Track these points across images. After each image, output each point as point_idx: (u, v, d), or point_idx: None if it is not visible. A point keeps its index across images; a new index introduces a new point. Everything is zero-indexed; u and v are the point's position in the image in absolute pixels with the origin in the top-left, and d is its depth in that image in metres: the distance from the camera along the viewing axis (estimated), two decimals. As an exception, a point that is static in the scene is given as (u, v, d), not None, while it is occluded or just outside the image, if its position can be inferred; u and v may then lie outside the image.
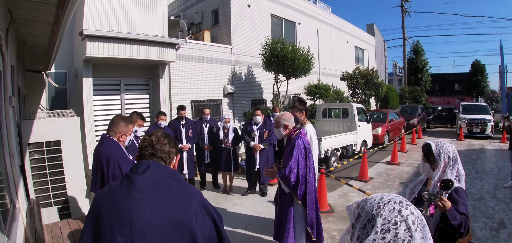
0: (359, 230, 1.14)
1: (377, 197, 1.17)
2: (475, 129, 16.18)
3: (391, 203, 1.11)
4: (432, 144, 2.46)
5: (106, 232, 1.35)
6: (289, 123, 3.87)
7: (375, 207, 1.12)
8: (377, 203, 1.13)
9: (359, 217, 1.17)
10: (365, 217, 1.14)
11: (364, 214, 1.15)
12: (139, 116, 4.35)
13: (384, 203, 1.12)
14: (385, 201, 1.13)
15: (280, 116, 3.93)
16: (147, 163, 1.51)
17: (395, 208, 1.09)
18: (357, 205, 1.21)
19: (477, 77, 30.36)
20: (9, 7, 3.48)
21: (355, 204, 1.23)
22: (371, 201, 1.16)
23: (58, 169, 4.70)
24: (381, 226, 1.07)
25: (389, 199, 1.13)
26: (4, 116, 3.23)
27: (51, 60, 6.40)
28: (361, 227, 1.14)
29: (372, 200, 1.17)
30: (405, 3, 28.83)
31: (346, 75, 17.03)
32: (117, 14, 8.34)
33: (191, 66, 10.86)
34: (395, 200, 1.12)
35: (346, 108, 11.53)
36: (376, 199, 1.16)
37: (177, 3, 16.05)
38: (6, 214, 2.70)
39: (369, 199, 1.18)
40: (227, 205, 6.34)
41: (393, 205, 1.10)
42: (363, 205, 1.18)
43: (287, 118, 3.89)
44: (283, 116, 3.91)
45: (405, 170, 9.38)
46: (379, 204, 1.13)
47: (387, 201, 1.13)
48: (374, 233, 1.07)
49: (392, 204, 1.11)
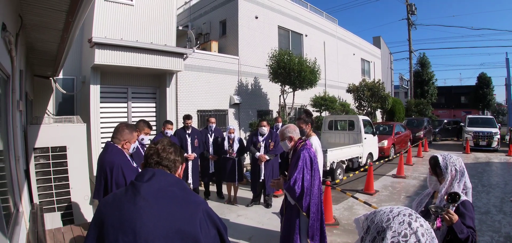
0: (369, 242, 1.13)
1: (387, 209, 1.16)
2: (482, 142, 16.07)
3: (400, 215, 1.10)
4: (439, 157, 2.44)
5: (110, 239, 1.35)
6: (294, 135, 3.84)
7: (385, 219, 1.12)
8: (387, 216, 1.13)
9: (369, 230, 1.16)
10: (375, 230, 1.13)
11: (374, 227, 1.14)
12: (146, 124, 4.35)
13: (394, 215, 1.11)
14: (394, 213, 1.12)
15: (285, 129, 3.90)
16: (152, 171, 1.51)
17: (405, 220, 1.08)
18: (366, 217, 1.21)
19: (483, 90, 30.16)
20: (20, 12, 3.53)
21: (363, 217, 1.23)
22: (381, 214, 1.15)
23: (62, 174, 4.70)
24: (391, 239, 1.05)
25: (399, 211, 1.12)
26: (11, 120, 3.24)
27: (59, 66, 6.47)
28: (370, 240, 1.13)
29: (381, 212, 1.16)
30: (411, 16, 28.82)
31: (352, 87, 16.99)
32: (126, 22, 8.44)
33: (198, 76, 10.90)
34: (405, 212, 1.11)
35: (352, 120, 11.47)
36: (385, 212, 1.15)
37: (186, 14, 16.20)
38: (9, 217, 2.70)
39: (379, 212, 1.17)
40: (231, 215, 6.28)
41: (402, 217, 1.10)
42: (373, 218, 1.17)
43: (292, 130, 3.85)
44: (288, 129, 3.88)
45: (411, 183, 9.27)
46: (389, 216, 1.12)
47: (396, 213, 1.12)
48: None
49: (402, 216, 1.10)
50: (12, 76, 3.25)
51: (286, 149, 3.94)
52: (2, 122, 3.00)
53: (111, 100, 8.85)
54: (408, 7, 28.68)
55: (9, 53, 3.04)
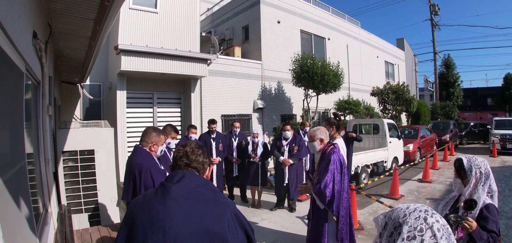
0: (386, 238, 1.19)
1: (404, 206, 1.22)
2: (509, 145, 15.32)
3: (416, 211, 1.16)
4: (464, 159, 2.41)
5: (139, 238, 1.37)
6: (324, 137, 3.77)
7: (401, 215, 1.18)
8: (403, 212, 1.18)
9: (386, 226, 1.22)
10: (392, 225, 1.19)
11: (391, 223, 1.20)
12: (173, 129, 4.41)
13: (410, 211, 1.17)
14: (411, 209, 1.18)
15: (316, 129, 3.83)
16: (182, 173, 1.54)
17: (421, 215, 1.13)
18: (384, 215, 1.27)
19: (510, 91, 28.67)
20: (49, 21, 3.64)
21: (382, 215, 1.29)
22: (398, 210, 1.22)
23: (90, 177, 4.81)
24: (407, 233, 1.11)
25: (415, 207, 1.18)
26: (41, 124, 3.33)
27: (86, 73, 6.65)
28: (388, 235, 1.19)
29: (398, 209, 1.22)
30: (434, 16, 27.96)
31: (377, 90, 16.60)
32: (151, 29, 8.60)
33: (222, 81, 10.97)
34: (421, 209, 1.17)
35: (377, 124, 11.21)
36: (402, 208, 1.21)
37: (209, 20, 16.39)
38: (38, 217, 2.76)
39: (396, 209, 1.24)
40: (255, 219, 6.23)
41: (418, 213, 1.15)
42: (390, 214, 1.23)
43: (322, 133, 3.80)
44: (319, 130, 3.81)
45: (437, 187, 8.95)
46: (405, 212, 1.18)
47: (412, 209, 1.17)
48: (401, 240, 1.11)
49: (417, 212, 1.15)
50: (42, 82, 3.34)
51: (314, 150, 3.86)
52: (32, 125, 3.07)
53: (137, 106, 9.02)
54: (431, 8, 27.85)
55: (39, 60, 3.13)
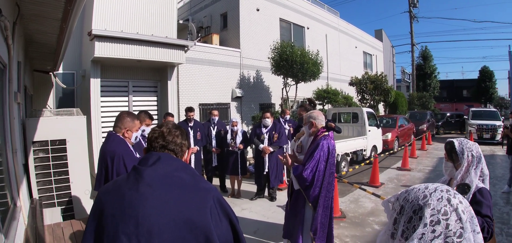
0: (404, 224, 1.02)
1: (421, 186, 1.06)
2: (485, 135, 16.00)
3: (438, 192, 1.01)
4: (455, 142, 2.36)
5: (109, 230, 1.19)
6: (317, 122, 3.68)
7: (421, 196, 1.01)
8: (423, 193, 1.02)
9: (402, 210, 1.05)
10: (410, 209, 1.02)
11: (409, 206, 1.03)
12: (147, 115, 4.22)
13: (430, 191, 1.01)
14: (431, 189, 1.02)
15: (310, 113, 3.75)
16: (157, 155, 1.35)
17: (444, 196, 0.99)
18: (397, 198, 1.10)
19: (485, 84, 29.94)
20: (17, 1, 3.40)
21: (393, 198, 1.12)
22: (416, 191, 1.05)
23: (62, 168, 4.59)
24: (430, 217, 0.96)
25: (435, 187, 1.03)
26: (8, 111, 3.12)
27: (59, 59, 6.36)
28: (406, 221, 1.02)
29: (416, 189, 1.06)
30: (413, 8, 28.62)
31: (355, 80, 16.83)
32: (126, 15, 8.29)
33: (199, 69, 10.77)
34: (442, 189, 1.02)
35: (356, 112, 11.40)
36: (420, 189, 1.04)
37: (186, 7, 16.03)
38: (5, 213, 2.58)
39: (412, 190, 1.07)
40: (235, 209, 6.08)
41: (440, 193, 1.00)
42: (406, 196, 1.06)
43: (316, 116, 3.70)
44: (313, 114, 3.72)
45: (417, 175, 9.19)
46: (425, 193, 1.01)
47: (433, 189, 1.02)
48: (423, 226, 0.96)
49: (439, 192, 1.00)
50: (9, 66, 3.13)
51: (306, 134, 3.81)
52: (-2, 113, 2.88)
53: (112, 94, 8.71)
54: (410, 0, 28.43)
55: (5, 40, 2.92)
